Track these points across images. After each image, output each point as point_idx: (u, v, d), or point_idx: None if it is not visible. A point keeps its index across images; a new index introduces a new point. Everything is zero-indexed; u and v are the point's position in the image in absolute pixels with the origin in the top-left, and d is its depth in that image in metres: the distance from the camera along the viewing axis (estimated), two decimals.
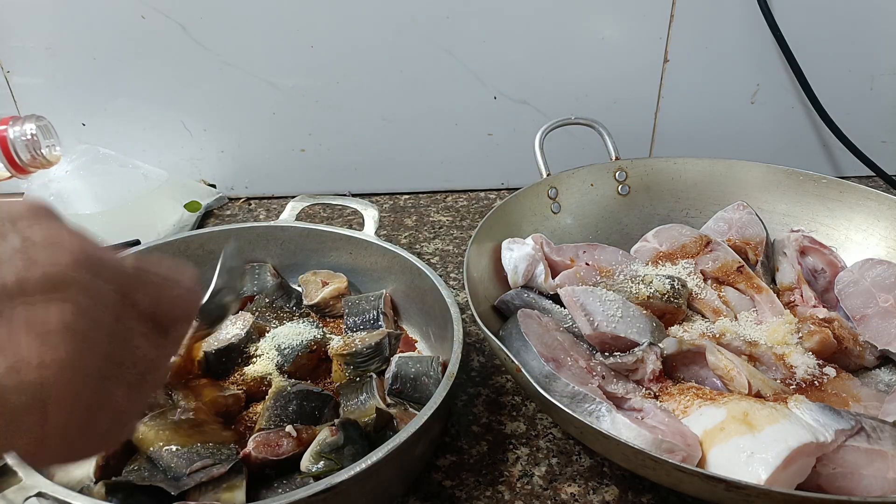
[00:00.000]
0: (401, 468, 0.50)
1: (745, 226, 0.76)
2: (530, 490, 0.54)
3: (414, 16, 0.88)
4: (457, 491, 0.54)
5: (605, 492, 0.54)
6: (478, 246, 0.67)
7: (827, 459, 0.47)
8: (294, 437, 0.50)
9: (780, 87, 0.95)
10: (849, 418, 0.48)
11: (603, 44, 0.91)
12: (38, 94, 0.90)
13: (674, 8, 0.89)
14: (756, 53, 0.92)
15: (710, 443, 0.49)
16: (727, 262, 0.70)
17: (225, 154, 0.97)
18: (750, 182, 0.80)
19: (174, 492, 0.46)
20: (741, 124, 0.98)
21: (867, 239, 0.73)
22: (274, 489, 0.49)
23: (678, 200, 0.81)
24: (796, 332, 0.63)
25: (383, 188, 1.01)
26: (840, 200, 0.75)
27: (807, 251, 0.73)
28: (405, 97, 0.93)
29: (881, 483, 0.46)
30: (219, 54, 0.88)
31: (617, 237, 0.79)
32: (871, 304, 0.65)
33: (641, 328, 0.59)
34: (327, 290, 0.69)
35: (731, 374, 0.55)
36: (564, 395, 0.52)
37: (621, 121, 0.90)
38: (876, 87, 0.96)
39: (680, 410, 0.52)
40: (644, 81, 0.94)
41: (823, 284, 0.72)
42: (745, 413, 0.49)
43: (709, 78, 0.94)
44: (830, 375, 0.60)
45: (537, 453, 0.57)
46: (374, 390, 0.56)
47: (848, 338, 0.63)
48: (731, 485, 0.41)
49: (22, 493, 0.41)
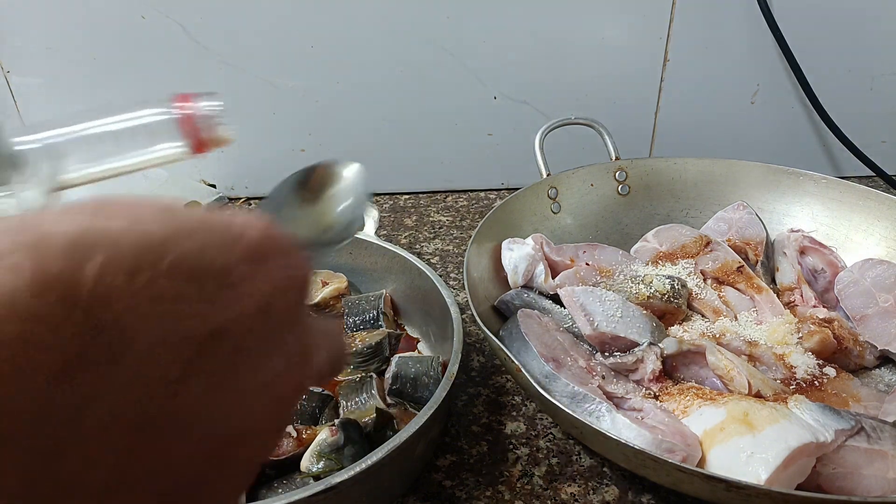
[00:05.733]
0: (401, 468, 0.50)
1: (745, 226, 0.76)
2: (530, 490, 0.54)
3: (414, 16, 0.88)
4: (457, 491, 0.54)
5: (605, 492, 0.54)
6: (478, 246, 0.67)
7: (827, 459, 0.47)
8: (294, 437, 0.50)
9: (780, 87, 0.95)
10: (849, 418, 0.48)
11: (603, 44, 0.91)
12: (38, 94, 0.90)
13: (674, 8, 0.89)
14: (756, 53, 0.92)
15: (710, 443, 0.49)
16: (727, 262, 0.70)
17: (225, 154, 0.97)
18: (750, 182, 0.80)
19: None
20: (741, 124, 0.98)
21: (867, 239, 0.73)
22: (274, 489, 0.49)
23: (678, 200, 0.81)
24: (796, 332, 0.63)
25: (383, 188, 1.01)
26: (840, 200, 0.75)
27: (807, 251, 0.73)
28: (405, 97, 0.93)
29: (881, 483, 0.46)
30: (219, 54, 0.88)
31: (617, 237, 0.79)
32: (871, 304, 0.65)
33: (641, 328, 0.59)
34: (327, 290, 0.69)
35: (731, 374, 0.55)
36: (564, 395, 0.52)
37: (621, 121, 0.90)
38: (876, 87, 0.96)
39: (680, 410, 0.52)
40: (644, 81, 0.94)
41: (823, 284, 0.72)
42: (745, 413, 0.49)
43: (709, 78, 0.94)
44: (830, 375, 0.60)
45: (537, 453, 0.57)
46: (374, 390, 0.56)
47: (848, 338, 0.63)
48: (731, 485, 0.41)
49: None
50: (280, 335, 0.20)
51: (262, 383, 0.20)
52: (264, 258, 0.20)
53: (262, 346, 0.20)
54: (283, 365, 0.20)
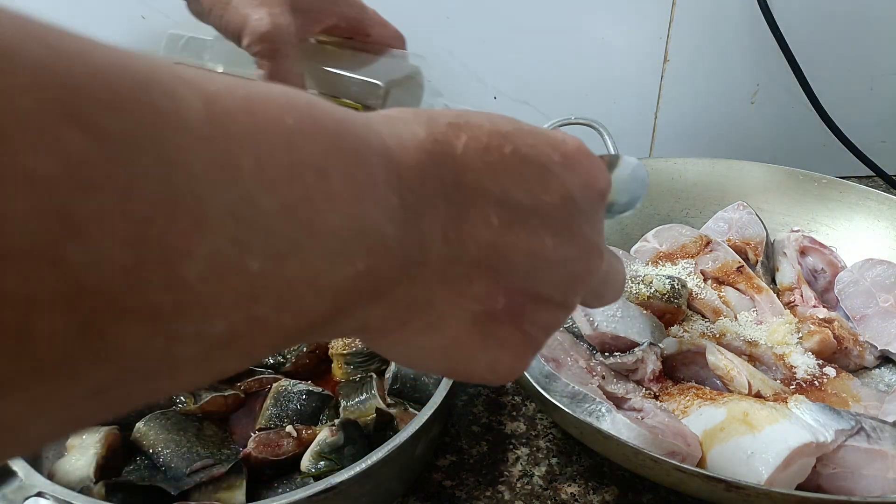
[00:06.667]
0: (401, 468, 0.50)
1: (745, 226, 0.76)
2: (530, 490, 0.54)
3: (414, 16, 0.88)
4: (457, 491, 0.54)
5: (605, 492, 0.54)
6: None
7: (827, 459, 0.47)
8: (294, 437, 0.50)
9: (780, 87, 0.95)
10: (849, 418, 0.48)
11: (603, 44, 0.91)
12: None
13: (674, 8, 0.89)
14: (756, 53, 0.92)
15: (710, 443, 0.49)
16: (727, 262, 0.70)
17: None
18: (750, 182, 0.80)
19: (174, 492, 0.46)
20: (741, 124, 0.98)
21: (867, 239, 0.73)
22: (274, 489, 0.49)
23: (678, 200, 0.81)
24: (796, 332, 0.63)
25: None
26: (840, 200, 0.75)
27: (807, 251, 0.73)
28: None
29: (881, 483, 0.46)
30: None
31: (617, 237, 0.79)
32: (871, 304, 0.65)
33: (641, 328, 0.59)
34: None
35: (731, 374, 0.55)
36: (564, 395, 0.52)
37: (621, 121, 0.90)
38: (876, 87, 0.96)
39: (680, 410, 0.53)
40: (644, 81, 0.94)
41: (823, 284, 0.72)
42: (745, 413, 0.49)
43: (709, 78, 0.94)
44: (830, 375, 0.60)
45: (537, 453, 0.57)
46: (374, 390, 0.56)
47: (848, 338, 0.63)
48: (731, 485, 0.41)
49: (22, 493, 0.41)
50: (578, 226, 0.25)
51: (559, 259, 0.25)
52: (576, 163, 0.25)
53: (562, 230, 0.25)
54: (575, 252, 0.25)
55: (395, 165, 0.20)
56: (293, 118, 0.17)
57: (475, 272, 0.23)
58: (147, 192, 0.13)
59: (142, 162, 0.13)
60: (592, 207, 0.26)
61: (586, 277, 0.27)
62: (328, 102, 0.19)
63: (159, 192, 0.14)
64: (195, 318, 0.15)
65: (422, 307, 0.22)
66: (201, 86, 0.16)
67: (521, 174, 0.23)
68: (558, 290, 0.26)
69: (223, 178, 0.15)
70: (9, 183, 0.12)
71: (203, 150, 0.15)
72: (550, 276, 0.25)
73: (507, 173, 0.23)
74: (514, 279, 0.24)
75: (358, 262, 0.18)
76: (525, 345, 0.26)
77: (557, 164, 0.24)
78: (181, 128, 0.15)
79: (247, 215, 0.15)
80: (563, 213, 0.25)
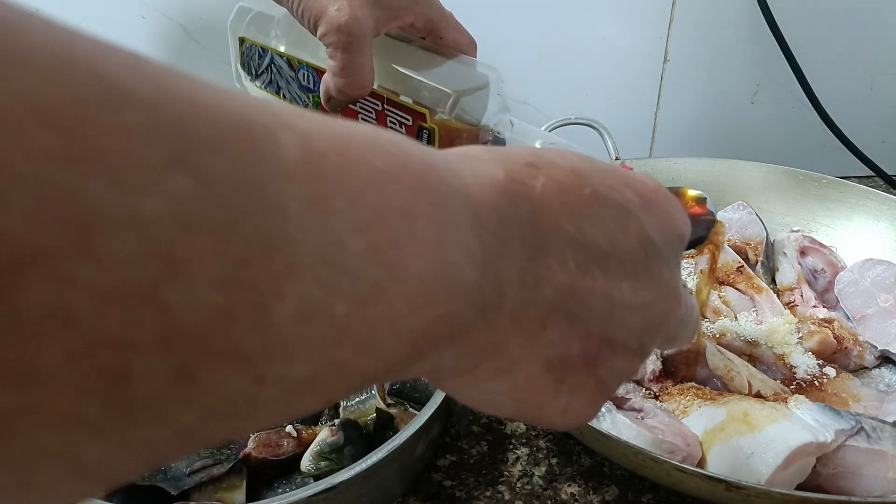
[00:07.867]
0: (401, 468, 0.50)
1: (745, 226, 0.76)
2: (530, 490, 0.54)
3: None
4: (457, 491, 0.54)
5: (605, 492, 0.54)
6: None
7: (827, 459, 0.47)
8: (294, 437, 0.50)
9: (780, 87, 0.95)
10: (849, 418, 0.48)
11: (603, 44, 0.91)
12: None
13: (674, 8, 0.89)
14: (756, 53, 0.92)
15: (710, 443, 0.49)
16: (727, 262, 0.70)
17: None
18: (750, 182, 0.80)
19: (174, 492, 0.46)
20: (741, 124, 0.98)
21: (867, 239, 0.73)
22: (274, 489, 0.49)
23: None
24: (796, 332, 0.63)
25: None
26: (840, 200, 0.75)
27: (807, 251, 0.73)
28: None
29: (881, 483, 0.46)
30: (219, 54, 0.88)
31: None
32: (871, 304, 0.65)
33: None
34: None
35: (731, 374, 0.55)
36: None
37: (621, 121, 0.90)
38: (876, 87, 0.96)
39: (680, 410, 0.53)
40: (644, 81, 0.94)
41: (823, 284, 0.72)
42: (745, 413, 0.49)
43: (709, 78, 0.94)
44: (830, 375, 0.60)
45: (537, 453, 0.57)
46: (373, 390, 0.56)
47: (848, 338, 0.63)
48: (731, 485, 0.41)
49: None
50: (656, 270, 0.25)
51: (636, 304, 0.24)
52: (654, 204, 0.25)
53: (640, 274, 0.24)
54: (653, 297, 0.25)
55: (475, 206, 0.20)
56: (381, 159, 0.17)
57: (550, 317, 0.22)
58: (245, 234, 0.13)
59: (241, 203, 0.13)
60: (671, 250, 0.25)
61: (664, 323, 0.26)
62: (411, 140, 0.19)
63: (256, 234, 0.14)
64: (281, 361, 0.15)
65: (495, 351, 0.22)
66: (297, 126, 0.16)
67: (599, 216, 0.23)
68: (634, 336, 0.25)
69: (315, 220, 0.15)
70: (116, 225, 0.12)
71: (298, 191, 0.15)
72: (627, 322, 0.24)
73: (586, 215, 0.22)
74: (591, 324, 0.23)
75: (438, 305, 0.18)
76: (597, 391, 0.25)
77: (636, 206, 0.24)
78: (280, 170, 0.15)
79: (336, 258, 0.15)
80: (641, 257, 0.24)
